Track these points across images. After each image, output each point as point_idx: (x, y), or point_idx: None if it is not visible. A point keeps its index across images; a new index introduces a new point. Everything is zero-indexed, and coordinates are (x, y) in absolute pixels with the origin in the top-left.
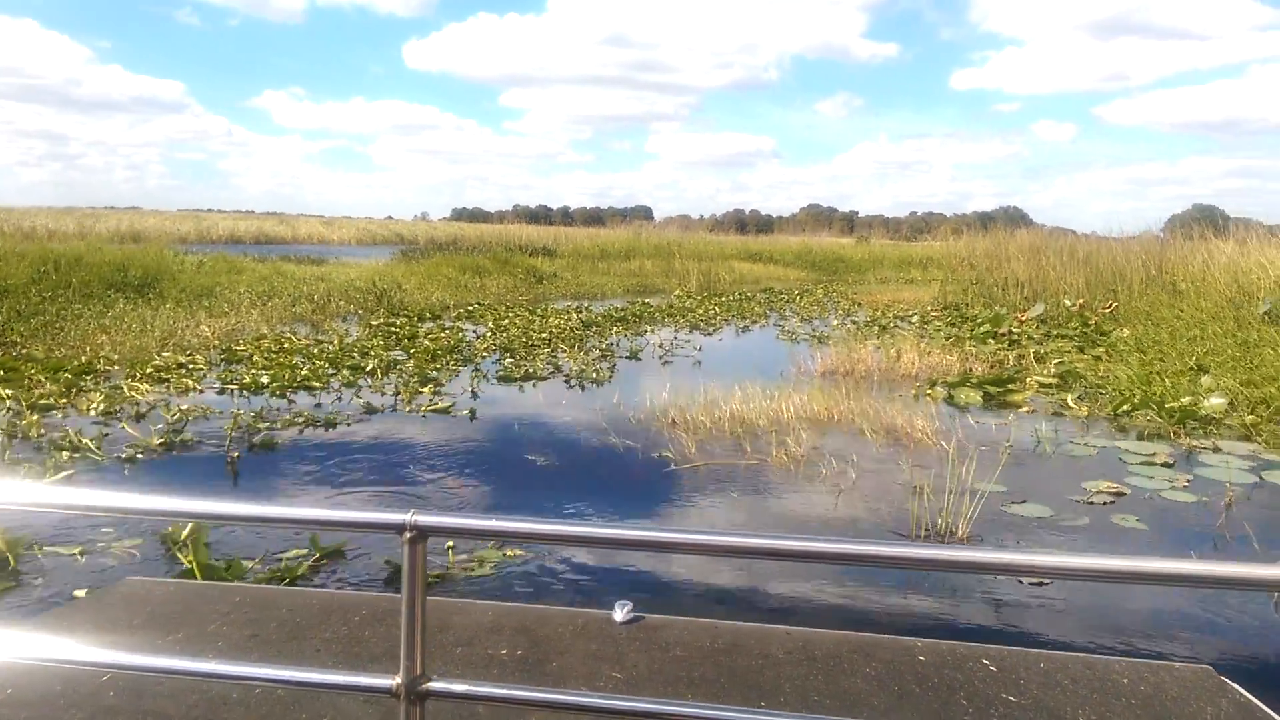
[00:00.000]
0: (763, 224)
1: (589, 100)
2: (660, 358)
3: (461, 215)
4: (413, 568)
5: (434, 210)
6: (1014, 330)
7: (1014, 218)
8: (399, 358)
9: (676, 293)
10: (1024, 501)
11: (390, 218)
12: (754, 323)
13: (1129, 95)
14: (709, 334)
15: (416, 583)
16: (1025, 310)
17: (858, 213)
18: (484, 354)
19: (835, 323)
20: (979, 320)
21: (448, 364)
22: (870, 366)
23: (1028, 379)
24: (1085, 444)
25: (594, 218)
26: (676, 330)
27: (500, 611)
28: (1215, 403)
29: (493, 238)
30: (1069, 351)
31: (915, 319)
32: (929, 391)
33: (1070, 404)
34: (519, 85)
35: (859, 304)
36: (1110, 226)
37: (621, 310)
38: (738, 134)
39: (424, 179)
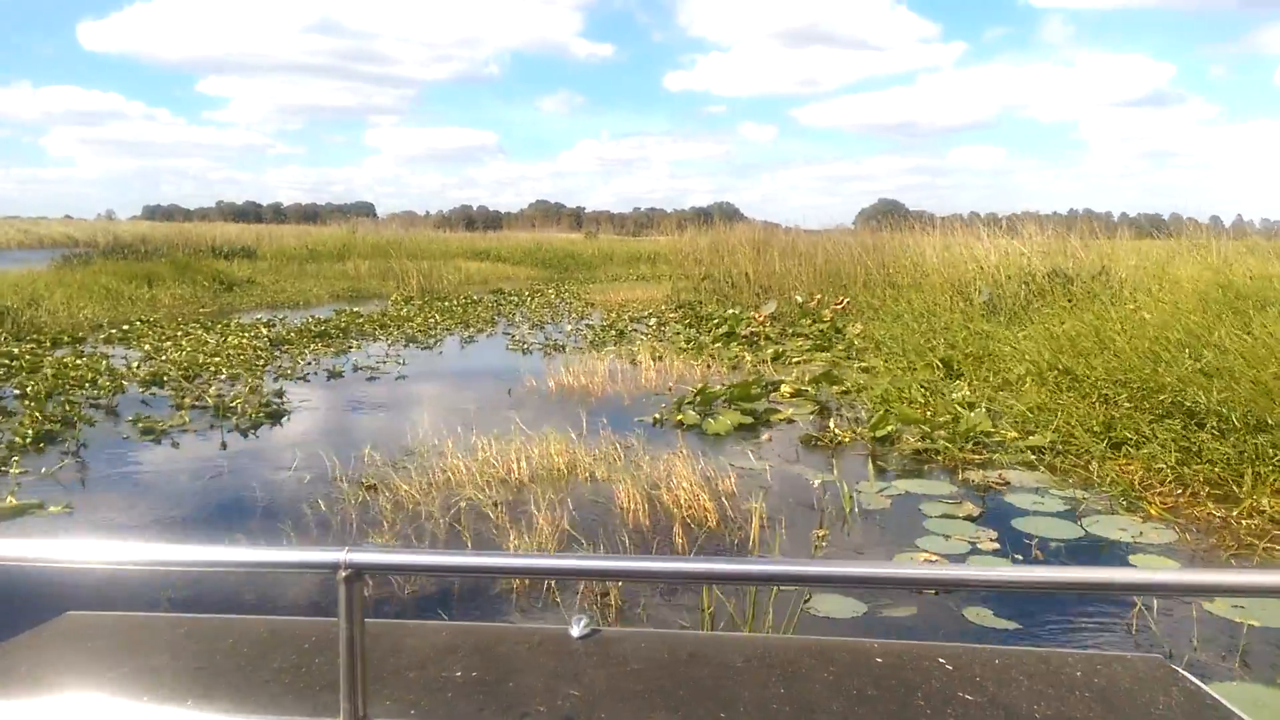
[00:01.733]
0: (491, 220)
1: (299, 90)
2: (368, 379)
3: (155, 213)
4: (350, 608)
5: (123, 208)
6: (753, 330)
7: (728, 213)
8: (7, 400)
9: (394, 298)
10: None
11: (68, 217)
12: (480, 331)
13: (821, 99)
14: (429, 346)
15: (355, 623)
16: (759, 308)
17: (585, 208)
18: (125, 388)
19: (569, 328)
20: (716, 320)
21: (69, 410)
22: (610, 383)
23: (781, 387)
24: (875, 492)
25: (310, 214)
26: (390, 344)
27: (455, 631)
28: (979, 418)
29: (183, 238)
30: (808, 350)
31: (652, 321)
32: (679, 416)
33: (833, 428)
34: (218, 72)
35: (593, 304)
36: (810, 219)
37: (324, 322)
38: (462, 129)
39: (110, 173)
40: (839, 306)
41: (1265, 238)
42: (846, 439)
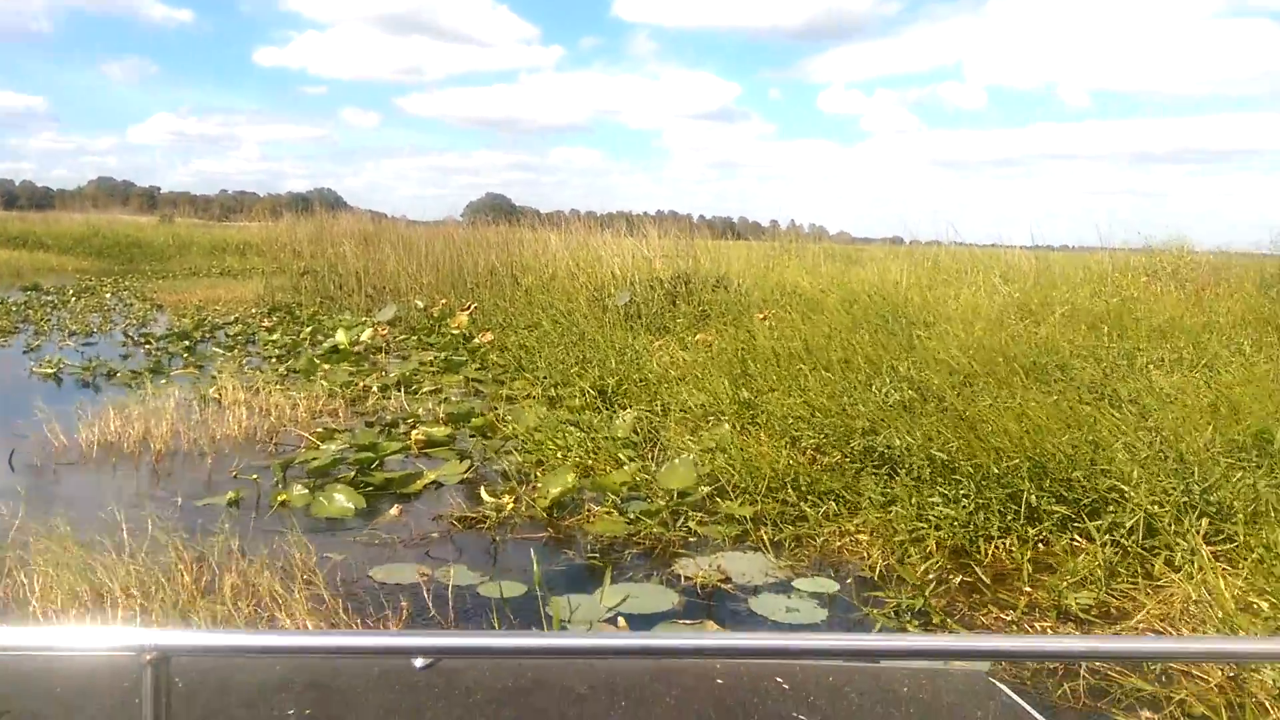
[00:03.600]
0: (40, 198)
1: None
2: None
3: None
4: (156, 696)
5: None
6: (370, 344)
7: (330, 200)
8: None
9: None
10: None
11: None
12: None
13: (425, 89)
14: None
15: (162, 713)
16: (372, 312)
17: (160, 189)
18: None
19: (125, 339)
20: (323, 327)
21: None
22: (181, 430)
23: (412, 434)
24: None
25: None
26: None
27: (289, 665)
28: (686, 474)
29: None
30: (438, 371)
31: (237, 329)
32: (280, 494)
33: (488, 496)
34: None
35: (162, 306)
36: (419, 211)
37: None
38: (1, 91)
39: None
40: (466, 312)
41: (814, 240)
42: (510, 508)
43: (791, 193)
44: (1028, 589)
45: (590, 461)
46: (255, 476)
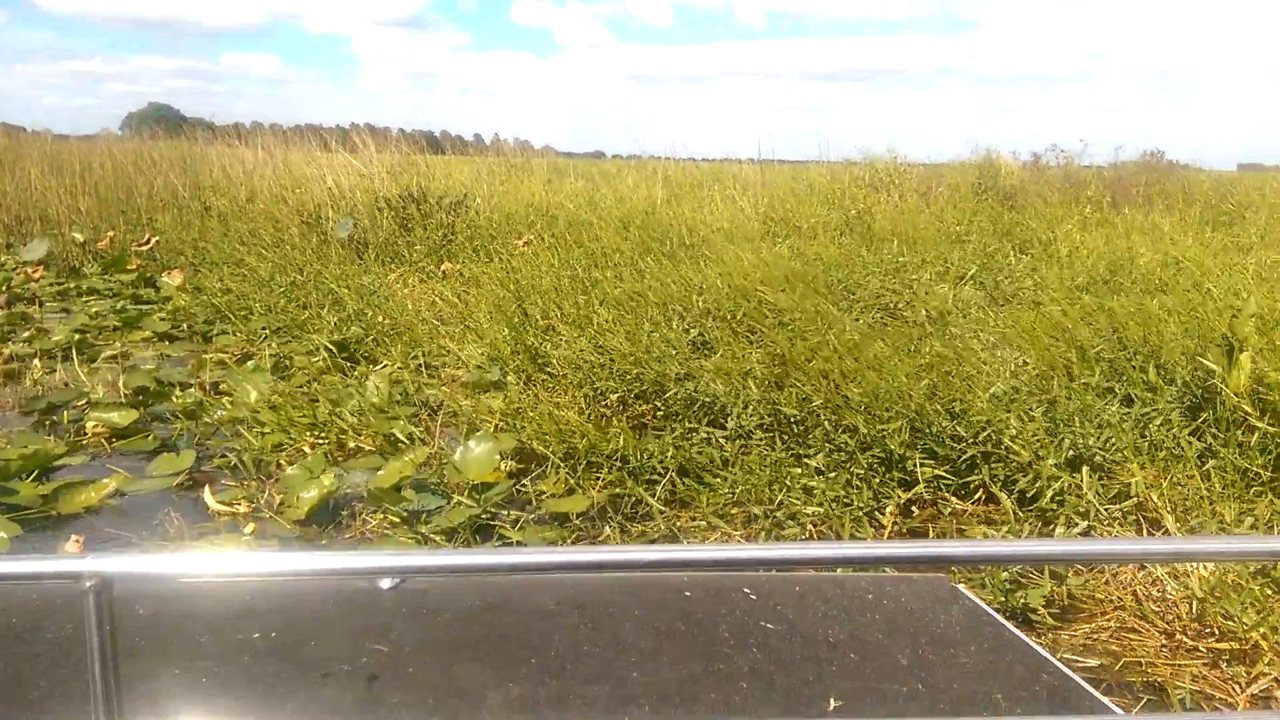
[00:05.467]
0: None
1: None
2: None
3: None
4: (99, 623)
5: None
6: (21, 290)
7: None
8: None
9: None
10: None
11: None
12: None
13: None
14: None
15: (106, 641)
16: (14, 249)
17: None
18: None
19: None
20: None
21: None
22: None
23: (87, 420)
24: None
25: None
26: None
27: (254, 590)
28: (483, 459)
29: None
30: (116, 326)
31: None
32: None
33: (215, 506)
34: None
35: None
36: (66, 124)
37: None
38: None
39: None
40: (144, 246)
41: (521, 155)
42: (252, 528)
43: (492, 106)
44: None
45: (351, 441)
46: None
